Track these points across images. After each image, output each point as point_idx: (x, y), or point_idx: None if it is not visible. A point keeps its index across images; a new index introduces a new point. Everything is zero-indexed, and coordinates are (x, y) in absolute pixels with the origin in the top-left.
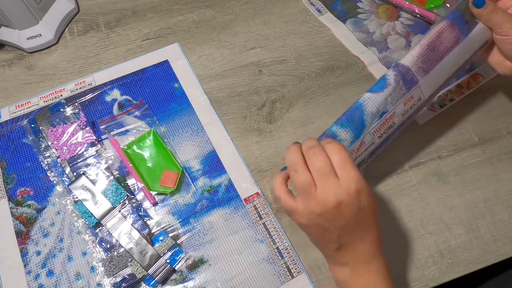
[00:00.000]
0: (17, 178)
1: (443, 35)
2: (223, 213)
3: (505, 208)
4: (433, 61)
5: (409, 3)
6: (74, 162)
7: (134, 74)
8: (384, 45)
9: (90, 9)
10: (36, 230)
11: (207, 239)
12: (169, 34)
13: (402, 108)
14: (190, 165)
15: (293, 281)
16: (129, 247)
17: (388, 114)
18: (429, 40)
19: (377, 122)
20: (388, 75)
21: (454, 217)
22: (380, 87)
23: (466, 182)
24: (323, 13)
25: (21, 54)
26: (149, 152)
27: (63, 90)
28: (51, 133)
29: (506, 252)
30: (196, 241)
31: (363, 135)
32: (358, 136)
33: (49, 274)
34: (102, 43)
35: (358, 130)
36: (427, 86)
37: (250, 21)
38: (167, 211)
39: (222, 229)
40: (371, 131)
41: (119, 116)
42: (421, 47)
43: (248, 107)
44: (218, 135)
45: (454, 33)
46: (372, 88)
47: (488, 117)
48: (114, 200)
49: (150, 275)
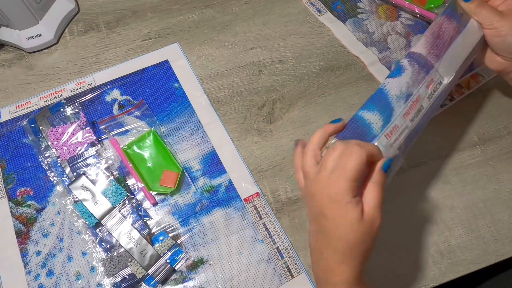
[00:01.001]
0: (17, 178)
1: (443, 26)
2: (223, 213)
3: (505, 208)
4: (441, 47)
5: (409, 3)
6: (74, 162)
7: (134, 74)
8: (384, 45)
9: (90, 9)
10: (36, 230)
11: (207, 239)
12: (169, 34)
13: (425, 91)
14: (190, 165)
15: (293, 281)
16: (129, 247)
17: (414, 96)
18: (432, 31)
19: (405, 104)
20: (402, 62)
21: (454, 217)
22: (397, 72)
23: (466, 182)
24: (323, 13)
25: (21, 54)
26: (149, 152)
27: (63, 90)
28: (51, 133)
29: (506, 252)
30: (196, 241)
31: (394, 117)
32: (388, 119)
33: (49, 274)
34: (102, 43)
35: (386, 113)
36: (444, 70)
37: (250, 21)
38: (167, 211)
39: (222, 229)
40: (402, 114)
41: (119, 116)
42: (426, 37)
43: (248, 107)
44: (218, 135)
45: (453, 24)
46: (390, 75)
47: (488, 117)
48: (114, 200)
49: (150, 275)
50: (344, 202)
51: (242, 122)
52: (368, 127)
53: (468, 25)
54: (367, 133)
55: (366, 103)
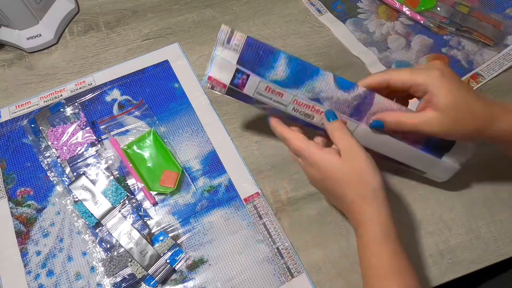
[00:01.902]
0: (17, 178)
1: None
2: (223, 213)
3: (505, 208)
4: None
5: (400, 4)
6: (74, 162)
7: (134, 74)
8: (384, 45)
9: (90, 9)
10: (36, 230)
11: (207, 239)
12: (169, 34)
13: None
14: (190, 165)
15: (293, 281)
16: (129, 247)
17: (318, 105)
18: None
19: (307, 97)
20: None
21: (454, 217)
22: (346, 85)
23: (466, 182)
24: (323, 13)
25: (21, 54)
26: (149, 152)
27: (63, 90)
28: (51, 133)
29: (506, 252)
30: (196, 241)
31: (291, 90)
32: (287, 85)
33: (49, 274)
34: (102, 43)
35: (293, 81)
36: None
37: (250, 21)
38: (167, 211)
39: (222, 229)
40: (297, 96)
41: (119, 116)
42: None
43: (248, 107)
44: (218, 135)
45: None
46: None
47: None
48: (114, 200)
49: (150, 275)
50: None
51: (242, 122)
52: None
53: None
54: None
55: (296, 58)
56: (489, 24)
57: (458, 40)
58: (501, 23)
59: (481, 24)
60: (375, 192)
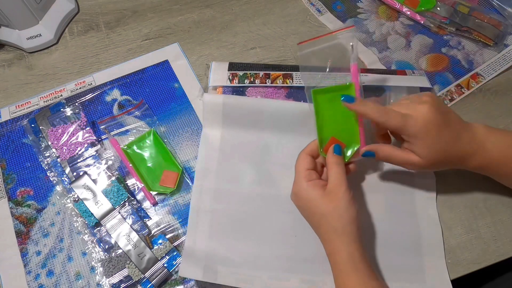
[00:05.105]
0: (17, 178)
1: None
2: None
3: (505, 208)
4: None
5: (400, 4)
6: (74, 162)
7: (134, 74)
8: (384, 45)
9: (90, 9)
10: (36, 230)
11: None
12: (169, 34)
13: None
14: (190, 165)
15: None
16: (127, 249)
17: None
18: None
19: None
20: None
21: (454, 217)
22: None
23: (466, 182)
24: (323, 13)
25: (21, 54)
26: (149, 152)
27: (63, 90)
28: (51, 133)
29: (506, 252)
30: None
31: None
32: None
33: (49, 274)
34: (102, 43)
35: None
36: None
37: (250, 21)
38: (167, 211)
39: None
40: None
41: (119, 116)
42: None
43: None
44: None
45: None
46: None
47: (488, 117)
48: (115, 201)
49: (146, 278)
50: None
51: None
52: None
53: None
54: None
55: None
56: (489, 24)
57: (458, 40)
58: (501, 23)
59: (481, 24)
60: (345, 227)
